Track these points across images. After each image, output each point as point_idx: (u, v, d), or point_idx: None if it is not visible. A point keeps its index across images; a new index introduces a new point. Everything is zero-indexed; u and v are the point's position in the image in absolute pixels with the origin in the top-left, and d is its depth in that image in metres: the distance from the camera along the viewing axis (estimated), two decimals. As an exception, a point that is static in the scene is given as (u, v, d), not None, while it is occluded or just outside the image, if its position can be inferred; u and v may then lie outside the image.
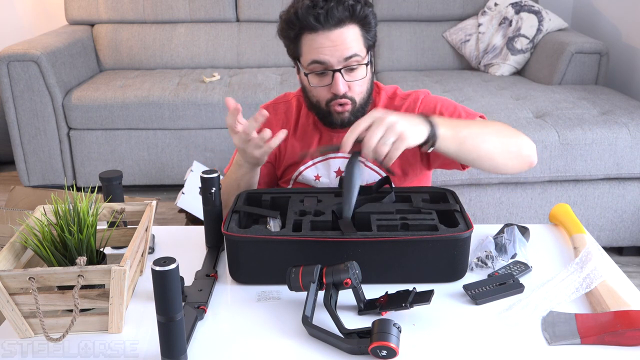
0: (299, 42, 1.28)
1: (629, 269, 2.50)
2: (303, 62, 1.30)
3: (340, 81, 1.27)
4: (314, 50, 1.26)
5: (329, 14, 1.23)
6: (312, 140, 1.42)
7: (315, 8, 1.23)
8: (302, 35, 1.27)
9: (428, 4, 3.51)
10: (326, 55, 1.25)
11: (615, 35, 3.22)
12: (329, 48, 1.24)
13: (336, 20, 1.23)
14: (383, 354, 0.90)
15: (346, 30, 1.25)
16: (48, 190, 2.37)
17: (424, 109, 1.38)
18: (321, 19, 1.23)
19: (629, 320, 0.95)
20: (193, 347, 0.96)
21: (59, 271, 0.94)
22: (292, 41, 1.29)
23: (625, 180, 2.45)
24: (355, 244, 1.08)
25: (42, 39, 3.18)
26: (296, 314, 1.03)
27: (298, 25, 1.26)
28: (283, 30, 1.29)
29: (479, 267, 1.17)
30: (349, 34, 1.25)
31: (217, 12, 3.56)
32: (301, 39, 1.27)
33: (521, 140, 1.26)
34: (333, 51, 1.25)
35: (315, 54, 1.26)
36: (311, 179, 1.42)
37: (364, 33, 1.28)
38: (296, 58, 1.32)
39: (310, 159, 1.41)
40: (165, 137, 3.10)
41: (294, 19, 1.26)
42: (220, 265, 1.20)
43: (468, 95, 2.89)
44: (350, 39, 1.25)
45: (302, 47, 1.28)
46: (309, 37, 1.26)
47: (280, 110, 1.47)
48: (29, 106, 3.02)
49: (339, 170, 1.41)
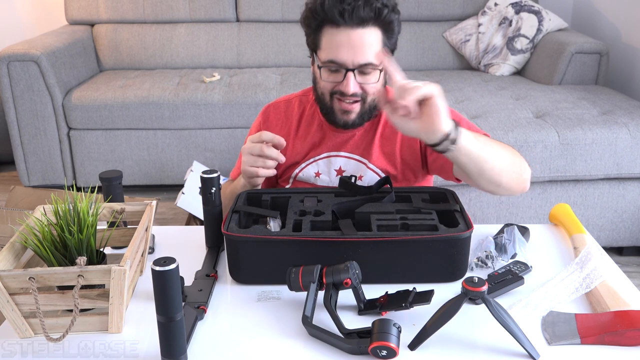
0: (319, 33, 1.27)
1: (629, 269, 2.50)
2: (320, 55, 1.29)
3: (352, 81, 1.26)
4: (333, 48, 1.25)
5: (354, 12, 1.21)
6: (316, 139, 1.42)
7: (342, 3, 1.22)
8: (324, 27, 1.26)
9: (428, 4, 3.51)
10: (343, 56, 1.24)
11: (615, 35, 3.22)
12: (346, 49, 1.23)
13: (360, 20, 1.22)
14: (383, 354, 0.90)
15: (368, 32, 1.24)
16: (48, 190, 2.37)
17: None
18: (345, 15, 1.22)
19: (629, 320, 0.95)
20: (193, 347, 0.96)
21: (59, 271, 0.94)
22: (313, 31, 1.28)
23: (625, 180, 2.45)
24: (355, 244, 1.08)
25: (42, 39, 3.18)
26: (296, 314, 1.03)
27: (321, 17, 1.25)
28: (306, 18, 1.29)
29: (479, 267, 1.17)
30: (370, 37, 1.24)
31: (217, 12, 3.56)
32: (322, 30, 1.26)
33: (524, 165, 1.25)
34: (350, 54, 1.24)
35: (333, 53, 1.25)
36: (311, 175, 1.42)
37: (385, 39, 1.26)
38: (314, 49, 1.31)
39: None
40: (165, 137, 3.10)
41: (319, 10, 1.25)
42: (220, 265, 1.20)
43: (468, 95, 2.89)
44: (369, 43, 1.24)
45: (321, 39, 1.27)
46: (330, 30, 1.25)
47: (281, 110, 1.46)
48: (29, 106, 3.02)
49: (340, 169, 1.41)
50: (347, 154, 1.40)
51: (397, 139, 1.39)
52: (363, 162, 1.40)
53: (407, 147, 1.39)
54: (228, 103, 3.04)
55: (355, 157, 1.40)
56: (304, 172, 1.42)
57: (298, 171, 1.43)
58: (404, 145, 1.39)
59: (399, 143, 1.39)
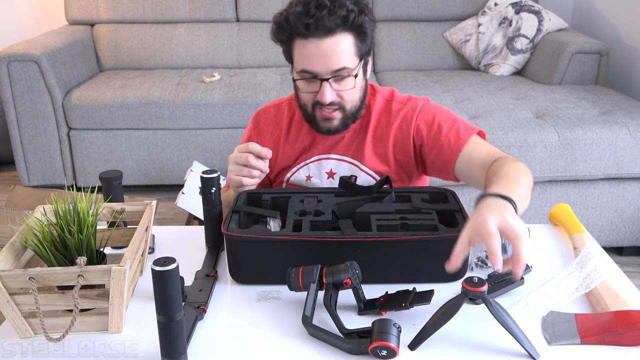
0: (290, 45, 1.28)
1: (629, 269, 2.50)
2: (294, 66, 1.30)
3: (328, 90, 1.26)
4: (304, 59, 1.25)
5: (319, 23, 1.21)
6: (306, 143, 1.42)
7: (307, 16, 1.21)
8: (293, 39, 1.26)
9: (428, 4, 3.51)
10: (314, 66, 1.25)
11: (615, 35, 3.22)
12: (317, 59, 1.24)
13: (327, 30, 1.22)
14: (383, 354, 0.90)
15: (337, 40, 1.23)
16: (48, 190, 2.37)
17: (422, 118, 1.37)
18: (311, 28, 1.21)
19: (629, 320, 0.95)
20: (193, 347, 0.96)
21: (59, 271, 0.94)
22: (284, 44, 1.30)
23: (625, 180, 2.45)
24: (355, 244, 1.08)
25: (42, 39, 3.18)
26: (296, 314, 1.03)
27: (289, 31, 1.25)
28: (275, 32, 1.29)
29: (479, 267, 1.17)
30: (341, 44, 1.24)
31: (217, 12, 3.56)
32: (292, 43, 1.27)
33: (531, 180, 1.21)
34: (321, 63, 1.24)
35: (304, 63, 1.26)
36: (302, 179, 1.42)
37: (357, 42, 1.26)
38: (290, 60, 1.32)
39: None
40: (165, 137, 3.10)
41: (284, 24, 1.25)
42: (220, 265, 1.20)
43: (468, 95, 2.89)
44: (340, 50, 1.23)
45: (293, 51, 1.28)
46: (300, 42, 1.25)
47: (271, 115, 1.47)
48: (29, 106, 3.03)
49: (331, 172, 1.41)
50: (338, 157, 1.40)
51: (389, 140, 1.38)
52: (355, 165, 1.40)
53: (400, 147, 1.38)
54: (228, 103, 3.04)
55: (347, 160, 1.40)
56: (295, 176, 1.43)
57: (290, 175, 1.43)
58: (397, 146, 1.39)
59: (391, 144, 1.38)
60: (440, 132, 1.34)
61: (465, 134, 1.33)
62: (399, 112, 1.38)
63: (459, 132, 1.33)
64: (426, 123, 1.36)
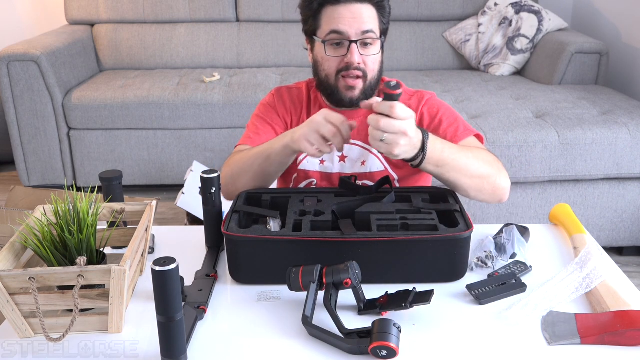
0: (319, 14, 1.35)
1: (629, 269, 2.50)
2: (320, 33, 1.35)
3: (356, 51, 1.32)
4: (334, 21, 1.32)
5: None
6: None
7: None
8: (324, 7, 1.34)
9: (428, 4, 3.51)
10: (345, 26, 1.32)
11: (615, 35, 3.22)
12: (348, 19, 1.31)
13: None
14: (383, 354, 0.90)
15: (365, 7, 1.33)
16: (48, 190, 2.37)
17: (427, 109, 1.42)
18: None
19: (629, 320, 0.95)
20: (193, 347, 0.96)
21: (59, 271, 0.94)
22: (313, 13, 1.35)
23: (625, 180, 2.45)
24: (355, 244, 1.08)
25: (42, 39, 3.18)
26: (296, 314, 1.03)
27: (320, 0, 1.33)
28: (306, 2, 1.36)
29: (479, 267, 1.17)
30: (367, 11, 1.33)
31: (217, 12, 3.56)
32: (322, 11, 1.34)
33: (499, 180, 1.28)
34: (352, 22, 1.31)
35: (335, 24, 1.32)
36: (316, 162, 1.44)
37: (379, 16, 1.35)
38: (312, 32, 1.37)
39: None
40: (165, 137, 3.10)
41: None
42: (220, 265, 1.20)
43: (468, 95, 2.89)
44: (368, 15, 1.33)
45: (321, 19, 1.35)
46: (330, 8, 1.33)
47: (293, 94, 1.50)
48: (29, 106, 3.02)
49: (342, 156, 1.43)
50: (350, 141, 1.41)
51: None
52: (366, 149, 1.42)
53: None
54: (228, 103, 3.04)
55: (359, 144, 1.43)
56: (309, 158, 1.44)
57: (302, 158, 1.44)
58: None
59: None
60: (440, 125, 1.39)
61: (462, 133, 1.37)
62: (407, 101, 1.43)
63: (458, 130, 1.38)
64: (430, 114, 1.42)
